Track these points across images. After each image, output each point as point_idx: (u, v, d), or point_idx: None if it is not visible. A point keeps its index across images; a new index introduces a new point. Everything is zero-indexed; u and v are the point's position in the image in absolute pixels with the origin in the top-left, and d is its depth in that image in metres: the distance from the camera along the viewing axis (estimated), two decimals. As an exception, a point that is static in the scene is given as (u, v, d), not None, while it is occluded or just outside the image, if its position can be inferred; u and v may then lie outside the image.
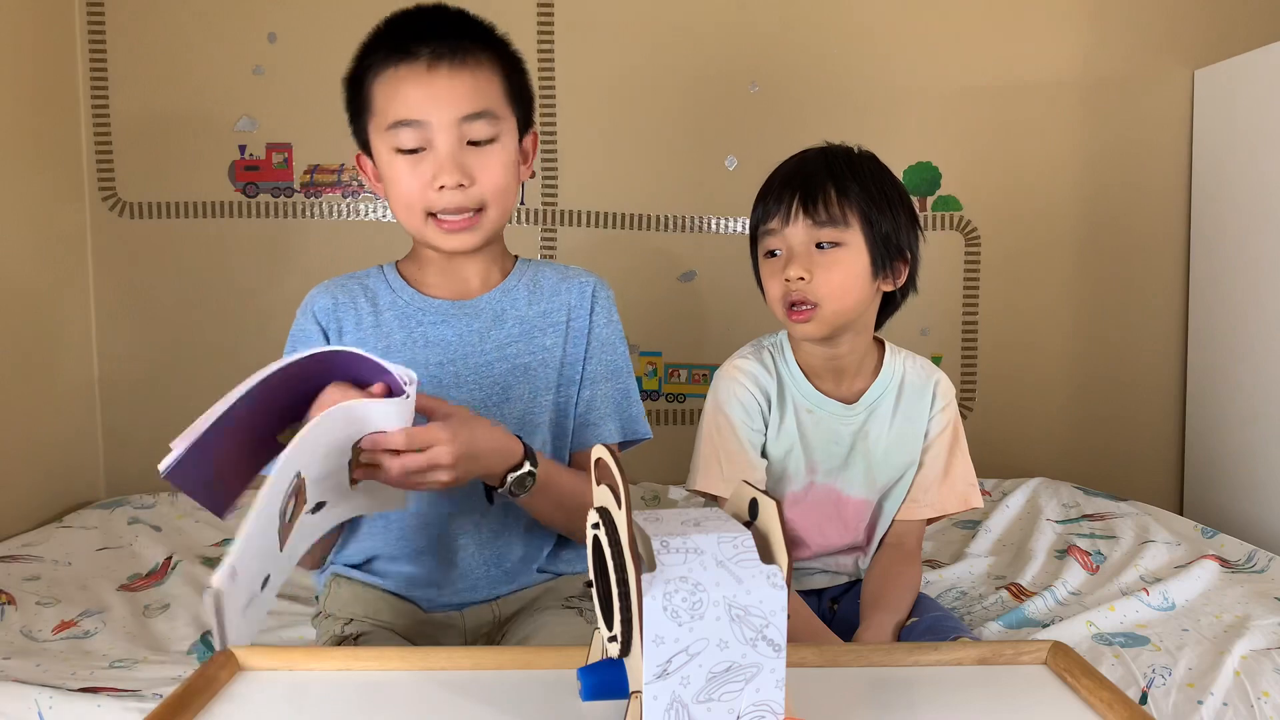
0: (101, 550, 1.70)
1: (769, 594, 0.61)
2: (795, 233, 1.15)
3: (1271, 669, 1.14)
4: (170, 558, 1.64)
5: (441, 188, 1.04)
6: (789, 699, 0.63)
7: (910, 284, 1.23)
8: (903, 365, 1.26)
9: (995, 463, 2.27)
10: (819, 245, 1.14)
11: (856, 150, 1.22)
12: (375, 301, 1.15)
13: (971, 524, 1.81)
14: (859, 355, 1.24)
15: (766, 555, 0.64)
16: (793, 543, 1.26)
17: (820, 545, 1.27)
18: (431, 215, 1.06)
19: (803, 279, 1.14)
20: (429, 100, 1.03)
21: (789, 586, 0.62)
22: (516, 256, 1.21)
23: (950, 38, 2.21)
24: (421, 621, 1.12)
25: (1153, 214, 2.27)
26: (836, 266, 1.14)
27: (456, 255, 1.11)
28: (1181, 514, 2.25)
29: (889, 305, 1.25)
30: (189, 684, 0.75)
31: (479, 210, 1.07)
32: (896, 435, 1.24)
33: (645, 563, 0.62)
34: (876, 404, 1.24)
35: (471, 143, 1.05)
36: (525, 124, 1.14)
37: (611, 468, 0.63)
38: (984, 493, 2.01)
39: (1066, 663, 0.80)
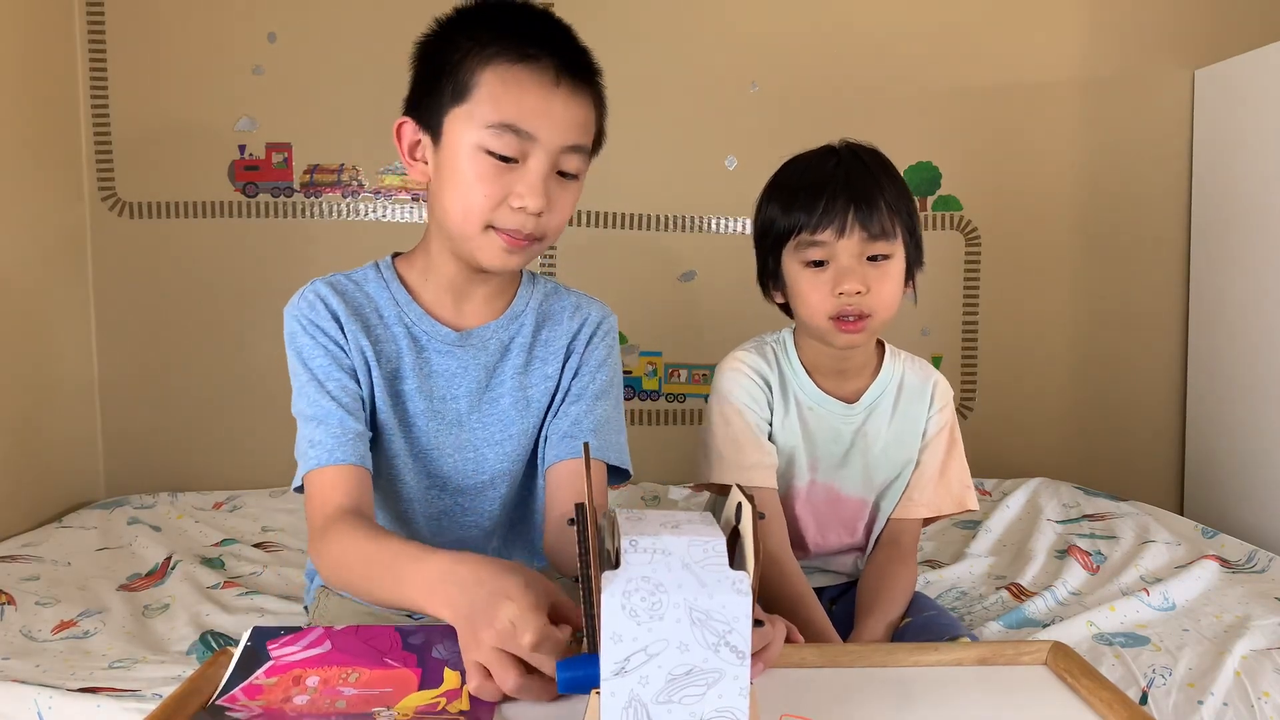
0: (101, 550, 1.70)
1: (732, 600, 0.60)
2: (849, 246, 1.12)
3: (1272, 669, 1.13)
4: (170, 558, 1.64)
5: (520, 208, 0.96)
6: (785, 698, 0.63)
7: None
8: (902, 366, 1.26)
9: (995, 463, 2.27)
10: (870, 258, 1.13)
11: (872, 149, 1.21)
12: (380, 313, 1.08)
13: (972, 524, 1.81)
14: (865, 356, 1.24)
15: (741, 561, 0.64)
16: (793, 544, 1.26)
17: (819, 545, 1.27)
18: (491, 227, 0.98)
19: (860, 293, 1.12)
20: (546, 116, 0.95)
21: (754, 593, 0.62)
22: (521, 270, 1.15)
23: (950, 38, 2.21)
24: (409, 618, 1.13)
25: (1153, 214, 2.27)
26: (888, 279, 1.14)
27: (476, 275, 1.06)
28: (1182, 514, 2.25)
29: None
30: (189, 684, 0.75)
31: (539, 239, 1.01)
32: (895, 435, 1.24)
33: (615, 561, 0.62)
34: (876, 404, 1.24)
35: (560, 172, 0.99)
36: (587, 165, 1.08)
37: (585, 465, 0.64)
38: (984, 493, 2.01)
39: (1067, 663, 0.80)
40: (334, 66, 2.14)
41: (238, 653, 0.78)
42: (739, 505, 0.67)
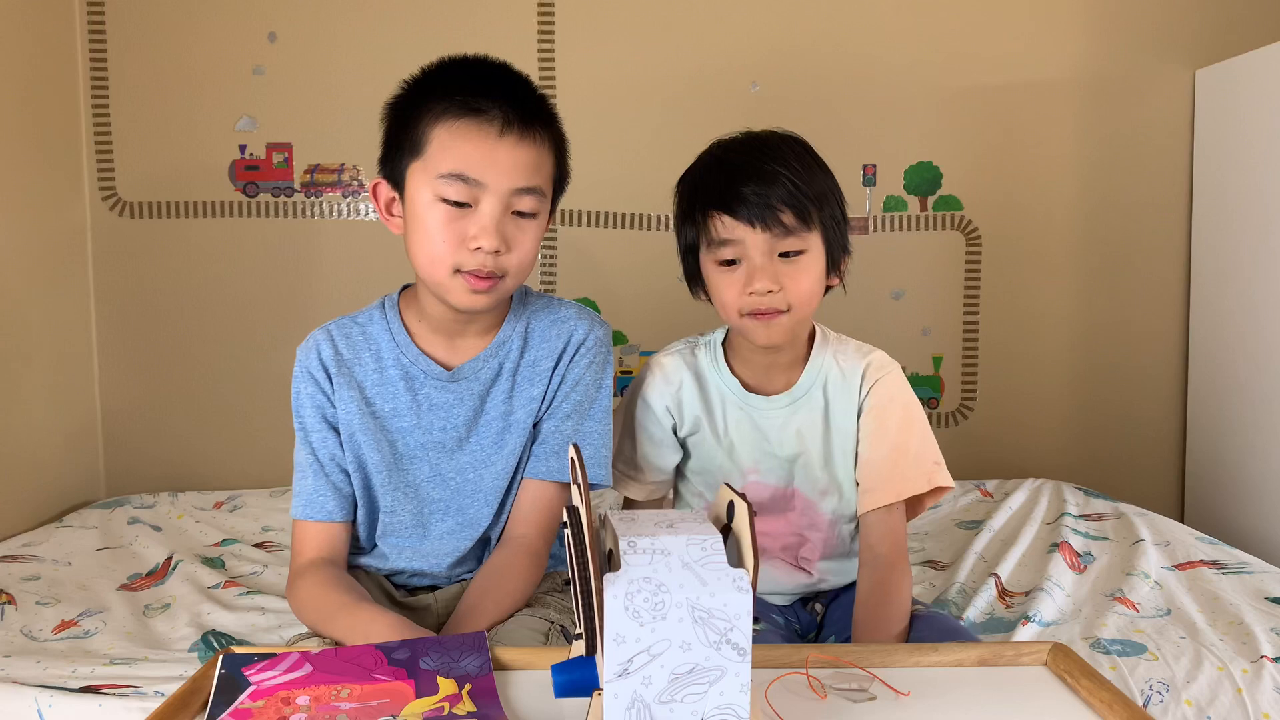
0: (101, 550, 1.70)
1: (734, 598, 0.61)
2: (759, 243, 1.08)
3: (1272, 686, 1.13)
4: (170, 557, 1.64)
5: (477, 249, 1.03)
6: (786, 698, 0.63)
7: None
8: (832, 358, 1.20)
9: (995, 463, 2.27)
10: (783, 254, 1.09)
11: (792, 137, 1.15)
12: (379, 355, 1.15)
13: (973, 524, 1.81)
14: (794, 353, 1.20)
15: (738, 559, 0.64)
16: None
17: (774, 546, 1.23)
18: (459, 271, 1.05)
19: (772, 291, 1.09)
20: (492, 164, 1.03)
21: (753, 590, 0.62)
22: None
23: (950, 38, 2.21)
24: (399, 604, 1.18)
25: (1153, 214, 2.27)
26: (803, 275, 1.10)
27: (460, 314, 1.11)
28: (1182, 517, 2.25)
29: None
30: (191, 682, 0.75)
31: (501, 277, 1.06)
32: (832, 427, 1.19)
33: (614, 562, 0.62)
34: (806, 397, 1.19)
35: (515, 213, 1.05)
36: (554, 203, 1.14)
37: (577, 468, 0.64)
38: (985, 493, 2.01)
39: (1067, 664, 0.80)
40: (334, 66, 2.15)
41: (214, 681, 0.76)
42: (730, 504, 0.67)
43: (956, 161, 2.25)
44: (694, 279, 1.20)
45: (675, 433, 1.22)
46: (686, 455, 1.24)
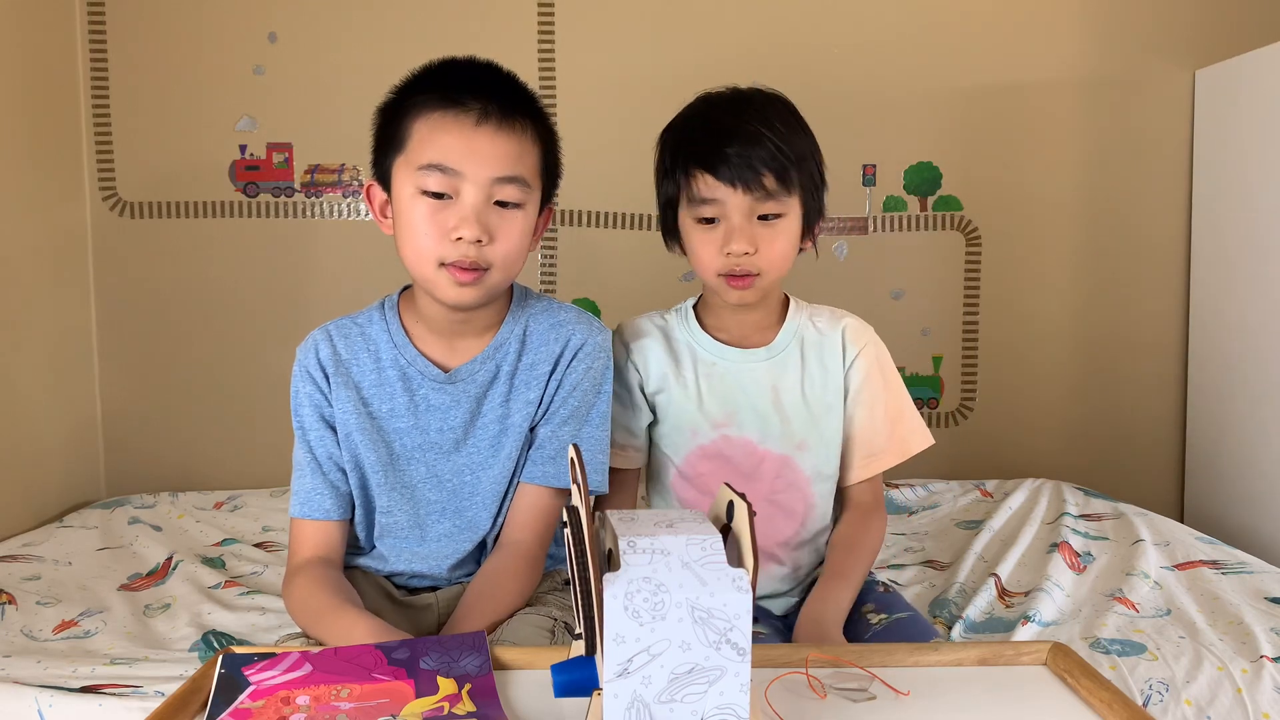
0: (101, 550, 1.70)
1: (733, 598, 0.61)
2: (739, 205, 1.10)
3: (1272, 686, 1.13)
4: (171, 557, 1.64)
5: (459, 239, 1.03)
6: (786, 697, 0.63)
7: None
8: (808, 319, 1.23)
9: (995, 463, 2.27)
10: (761, 216, 1.11)
11: (778, 97, 1.19)
12: (377, 356, 1.15)
13: (973, 524, 1.81)
14: (767, 314, 1.22)
15: (738, 559, 0.64)
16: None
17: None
18: (443, 264, 1.05)
19: (749, 253, 1.10)
20: (469, 153, 1.03)
21: (753, 590, 0.62)
22: (512, 292, 1.20)
23: (950, 38, 2.21)
24: (399, 603, 1.18)
25: (1153, 214, 2.27)
26: (780, 238, 1.12)
27: (454, 312, 1.11)
28: (1182, 517, 2.25)
29: None
30: (191, 682, 0.75)
31: (486, 269, 1.06)
32: (810, 385, 1.21)
33: (614, 562, 0.63)
34: (784, 354, 1.21)
35: (498, 203, 1.05)
36: (547, 197, 1.14)
37: (577, 468, 0.64)
38: (985, 493, 2.01)
39: (1066, 663, 0.80)
40: (334, 66, 2.15)
41: (214, 681, 0.77)
42: (730, 503, 0.67)
43: (956, 161, 2.25)
44: (670, 233, 1.22)
45: (643, 390, 1.23)
46: (657, 421, 1.25)
